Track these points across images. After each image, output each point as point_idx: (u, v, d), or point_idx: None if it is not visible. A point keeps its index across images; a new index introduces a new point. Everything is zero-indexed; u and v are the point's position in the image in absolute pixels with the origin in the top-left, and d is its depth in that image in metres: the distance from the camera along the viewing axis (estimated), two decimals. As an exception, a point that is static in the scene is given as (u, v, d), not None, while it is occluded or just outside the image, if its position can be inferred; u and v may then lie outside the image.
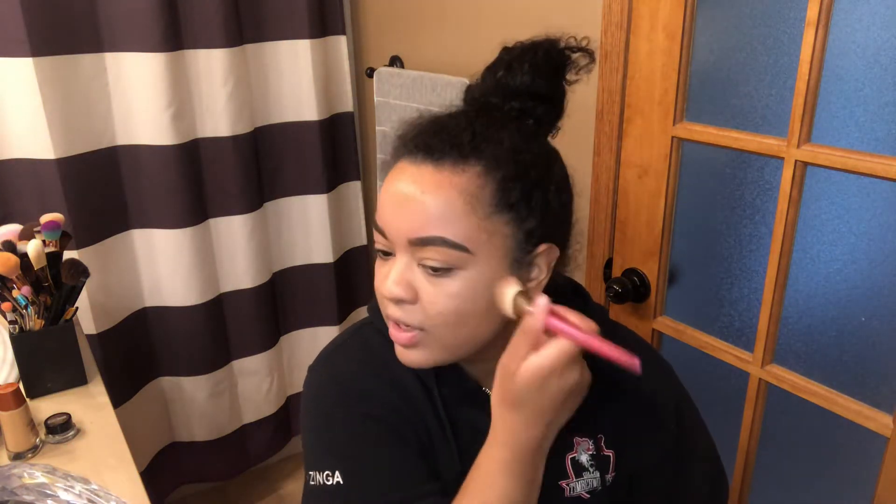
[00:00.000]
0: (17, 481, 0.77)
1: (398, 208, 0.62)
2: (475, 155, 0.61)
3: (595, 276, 1.37)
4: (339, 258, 2.14)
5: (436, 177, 0.61)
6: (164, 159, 1.70)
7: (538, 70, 0.67)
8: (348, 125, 2.07)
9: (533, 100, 0.67)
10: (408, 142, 0.64)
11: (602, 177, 1.29)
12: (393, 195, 0.63)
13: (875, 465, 0.99)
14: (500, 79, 0.67)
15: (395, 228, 0.62)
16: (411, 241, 0.61)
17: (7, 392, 1.02)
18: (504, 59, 0.68)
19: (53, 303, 1.18)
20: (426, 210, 0.60)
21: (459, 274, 0.62)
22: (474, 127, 0.63)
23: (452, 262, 0.61)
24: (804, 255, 1.03)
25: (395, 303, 0.64)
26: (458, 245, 0.60)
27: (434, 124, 0.64)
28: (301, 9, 1.84)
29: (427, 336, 0.64)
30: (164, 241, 1.77)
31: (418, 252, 0.62)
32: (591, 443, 0.74)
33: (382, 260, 0.66)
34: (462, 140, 0.62)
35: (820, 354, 1.05)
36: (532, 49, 0.68)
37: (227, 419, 2.04)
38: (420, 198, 0.60)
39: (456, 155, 0.61)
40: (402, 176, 0.63)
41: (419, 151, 0.62)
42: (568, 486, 0.74)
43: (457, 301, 0.62)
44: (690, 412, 0.81)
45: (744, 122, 1.06)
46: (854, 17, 0.90)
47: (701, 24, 1.08)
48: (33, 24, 1.48)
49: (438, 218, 0.60)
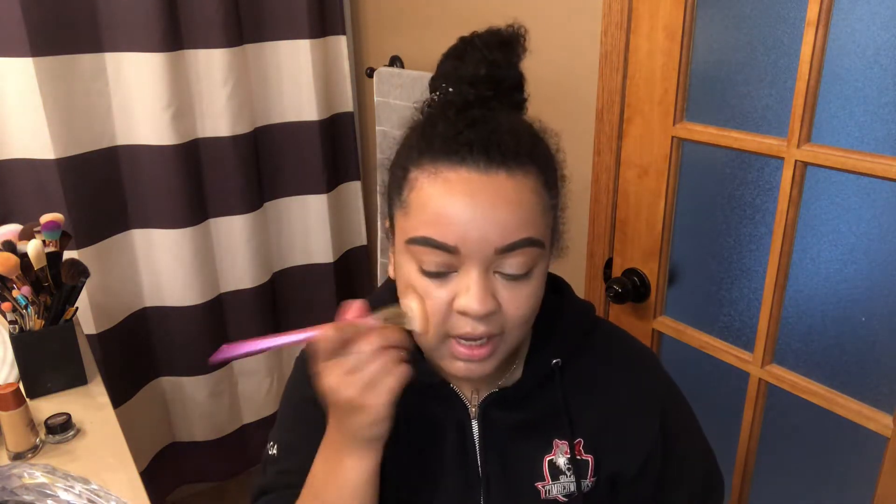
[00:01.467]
0: (17, 481, 0.77)
1: (481, 220, 0.59)
2: (531, 157, 0.62)
3: (595, 276, 1.37)
4: (339, 258, 2.14)
5: (512, 181, 0.60)
6: (164, 159, 1.70)
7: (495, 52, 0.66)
8: (348, 125, 2.07)
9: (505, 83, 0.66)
10: (459, 151, 0.60)
11: (602, 177, 1.29)
12: (471, 206, 0.59)
13: (875, 465, 0.99)
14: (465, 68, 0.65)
15: (476, 240, 0.59)
16: (499, 249, 0.59)
17: (7, 392, 1.02)
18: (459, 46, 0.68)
19: (53, 303, 1.18)
20: (514, 216, 0.59)
21: (534, 274, 0.63)
22: (514, 124, 0.63)
23: (533, 263, 0.62)
24: (804, 255, 1.03)
25: (482, 318, 0.61)
26: (540, 242, 0.62)
27: (470, 124, 0.61)
28: (301, 9, 1.84)
29: (501, 341, 0.65)
30: (164, 241, 1.77)
31: (502, 259, 0.60)
32: (569, 446, 0.73)
33: (436, 281, 0.62)
34: (520, 141, 0.61)
35: (820, 354, 1.05)
36: (480, 35, 0.68)
37: (227, 419, 2.04)
38: (505, 206, 0.59)
39: (522, 158, 0.61)
40: (472, 186, 0.59)
41: (482, 156, 0.59)
42: (544, 488, 0.73)
43: (534, 299, 0.64)
44: (679, 415, 0.79)
45: (744, 122, 1.06)
46: (854, 17, 0.90)
47: (701, 24, 1.08)
48: (33, 24, 1.48)
49: (524, 221, 0.60)
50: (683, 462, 0.78)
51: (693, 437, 0.80)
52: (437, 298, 0.62)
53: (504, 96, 0.65)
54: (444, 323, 0.63)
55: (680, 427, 0.78)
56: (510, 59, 0.66)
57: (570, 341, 0.74)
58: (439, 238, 0.60)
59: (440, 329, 0.63)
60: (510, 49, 0.66)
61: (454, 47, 0.68)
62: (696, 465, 0.79)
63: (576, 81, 1.31)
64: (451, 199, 0.59)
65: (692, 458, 0.79)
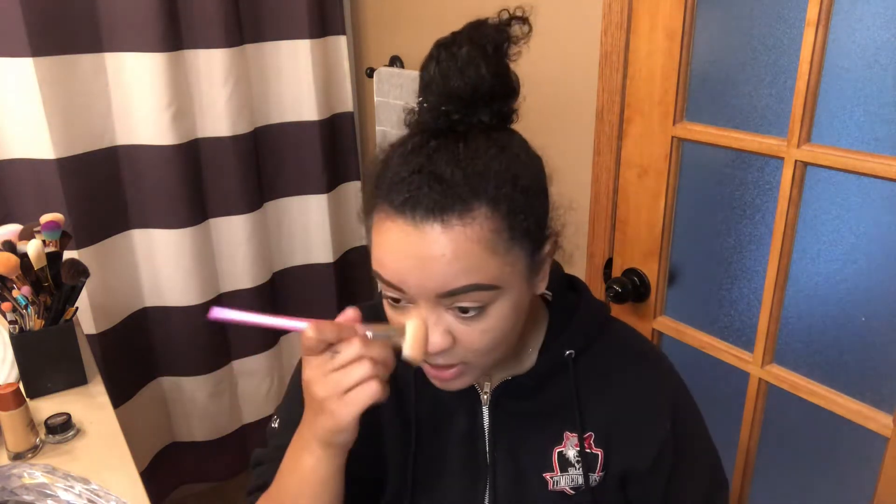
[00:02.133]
0: (17, 481, 0.77)
1: (415, 269, 0.58)
2: (476, 198, 0.57)
3: (595, 276, 1.37)
4: (339, 258, 2.14)
5: (448, 235, 0.57)
6: (164, 159, 1.70)
7: (474, 61, 0.60)
8: (348, 125, 2.07)
9: (488, 96, 0.61)
10: (395, 201, 0.58)
11: (602, 177, 1.29)
12: (404, 257, 0.58)
13: (875, 465, 0.99)
14: (443, 82, 0.60)
15: (416, 286, 0.59)
16: (440, 294, 0.59)
17: (7, 392, 1.02)
18: (435, 55, 0.62)
19: (53, 303, 1.18)
20: (449, 267, 0.58)
21: (491, 309, 0.61)
22: (459, 161, 0.58)
23: (485, 301, 0.60)
24: (804, 255, 1.03)
25: (434, 355, 0.62)
26: (490, 286, 0.60)
27: (414, 171, 0.58)
28: (301, 9, 1.84)
29: (468, 367, 0.65)
30: (164, 241, 1.77)
31: (447, 300, 0.60)
32: (579, 439, 0.73)
33: (396, 308, 0.63)
34: (456, 184, 0.57)
35: (820, 354, 1.05)
36: (461, 39, 0.61)
37: (227, 419, 2.04)
38: (439, 258, 0.57)
39: (460, 206, 0.57)
40: (407, 239, 0.58)
41: (417, 211, 0.57)
42: (552, 479, 0.73)
43: (493, 332, 0.63)
44: (690, 416, 0.79)
45: (744, 122, 1.06)
46: (854, 17, 0.90)
47: (701, 24, 1.08)
48: (33, 24, 1.48)
49: (464, 270, 0.58)
50: (693, 461, 0.77)
51: (701, 437, 0.80)
52: (396, 323, 0.64)
53: (481, 109, 0.61)
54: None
55: (690, 426, 0.78)
56: (489, 62, 0.60)
57: (584, 336, 0.75)
58: (387, 277, 0.61)
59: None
60: (495, 51, 0.61)
61: (428, 54, 0.62)
62: (704, 464, 0.79)
63: (576, 81, 1.31)
64: (389, 248, 0.59)
65: (701, 458, 0.79)
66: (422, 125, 0.63)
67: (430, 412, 0.75)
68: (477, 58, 0.60)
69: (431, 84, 0.61)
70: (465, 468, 0.75)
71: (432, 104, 0.61)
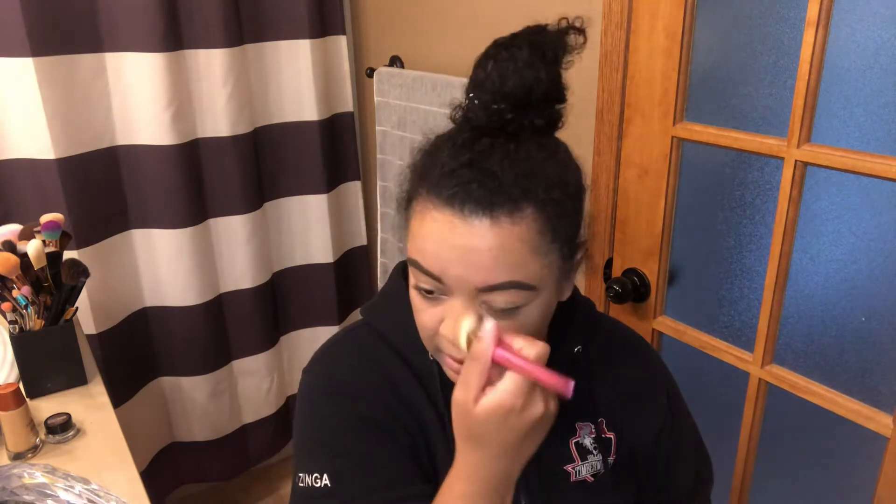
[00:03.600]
0: (17, 481, 0.77)
1: (459, 261, 0.59)
2: (525, 198, 0.59)
3: (595, 276, 1.37)
4: (339, 258, 2.14)
5: (495, 230, 0.58)
6: (164, 159, 1.70)
7: (534, 64, 0.62)
8: (348, 125, 2.07)
9: (542, 99, 0.63)
10: (444, 192, 0.59)
11: (602, 177, 1.29)
12: (449, 248, 0.59)
13: (875, 465, 0.99)
14: (499, 81, 0.61)
15: (456, 278, 0.60)
16: (481, 288, 0.60)
17: (7, 392, 1.02)
18: (493, 53, 0.63)
19: (53, 303, 1.18)
20: (494, 262, 0.58)
21: (524, 310, 0.62)
22: (511, 160, 0.59)
23: (521, 302, 0.61)
24: (804, 255, 1.03)
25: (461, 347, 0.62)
26: (529, 286, 0.60)
27: (465, 164, 0.59)
28: (301, 9, 1.84)
29: None
30: (164, 241, 1.77)
31: (485, 296, 0.60)
32: (594, 427, 0.77)
33: (428, 299, 0.64)
34: (508, 183, 0.58)
35: (820, 354, 1.05)
36: (520, 41, 0.63)
37: (227, 419, 2.04)
38: (485, 251, 0.58)
39: (510, 205, 0.58)
40: (453, 230, 0.59)
41: (466, 204, 0.58)
42: (574, 469, 0.75)
43: (525, 331, 0.63)
44: (677, 393, 0.85)
45: (744, 122, 1.06)
46: (854, 17, 0.90)
47: (701, 24, 1.08)
48: (33, 24, 1.47)
49: (507, 266, 0.59)
50: (683, 434, 0.84)
51: (687, 414, 0.87)
52: (428, 317, 0.64)
53: (533, 111, 0.63)
54: (432, 339, 0.66)
55: (678, 402, 0.85)
56: (546, 66, 0.62)
57: (585, 330, 0.78)
58: (426, 267, 0.61)
59: (430, 342, 0.66)
60: (549, 54, 0.63)
61: (485, 52, 0.64)
62: (691, 438, 0.86)
63: (576, 81, 1.30)
64: (433, 238, 0.60)
65: (688, 432, 0.86)
66: (472, 121, 0.64)
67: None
68: (536, 61, 0.61)
69: (486, 82, 0.62)
70: None
71: (485, 102, 0.62)
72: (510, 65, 0.61)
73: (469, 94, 0.64)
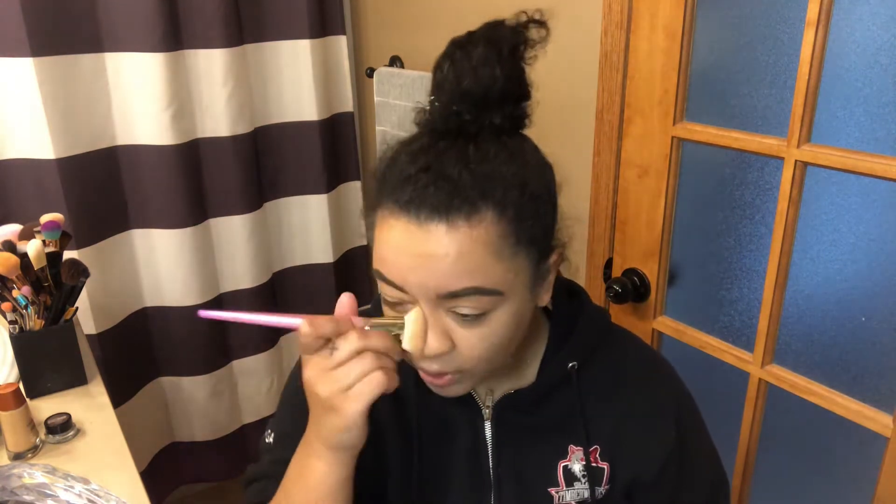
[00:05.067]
0: (17, 481, 0.77)
1: (418, 268, 0.57)
2: (483, 201, 0.57)
3: (595, 276, 1.37)
4: (339, 258, 2.14)
5: (452, 235, 0.56)
6: (164, 159, 1.70)
7: (489, 61, 0.59)
8: (348, 125, 2.07)
9: (501, 98, 0.60)
10: (401, 199, 0.57)
11: (602, 177, 1.29)
12: (407, 255, 0.57)
13: (875, 465, 0.99)
14: (455, 82, 0.59)
15: (417, 286, 0.58)
16: (441, 295, 0.58)
17: (7, 392, 1.02)
18: (450, 53, 0.61)
19: (53, 303, 1.18)
20: (452, 267, 0.56)
21: (492, 315, 0.60)
22: (468, 163, 0.57)
23: (486, 307, 0.59)
24: (804, 255, 1.03)
25: (432, 358, 0.61)
26: (493, 291, 0.58)
27: (421, 169, 0.57)
28: (301, 9, 1.84)
29: (465, 375, 0.64)
30: (164, 241, 1.77)
31: (448, 302, 0.59)
32: (584, 453, 0.72)
33: (392, 309, 0.62)
34: (464, 186, 0.56)
35: (820, 354, 1.05)
36: (476, 38, 0.60)
37: (227, 419, 2.04)
38: (442, 258, 0.56)
39: (467, 208, 0.56)
40: (411, 237, 0.57)
41: (422, 210, 0.56)
42: (557, 494, 0.73)
43: (493, 339, 0.61)
44: (693, 423, 0.78)
45: (744, 122, 1.06)
46: (854, 17, 0.90)
47: (701, 24, 1.08)
48: (33, 24, 1.48)
49: (467, 271, 0.57)
50: (697, 468, 0.77)
51: (704, 443, 0.80)
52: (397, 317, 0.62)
53: (493, 110, 0.60)
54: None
55: (692, 432, 0.77)
56: (503, 63, 0.59)
57: (586, 346, 0.73)
58: (387, 275, 0.59)
59: (411, 359, 0.64)
60: (509, 53, 0.60)
61: (443, 53, 0.61)
62: (706, 469, 0.79)
63: (576, 81, 1.31)
64: (392, 246, 0.58)
65: (704, 461, 0.79)
66: (431, 125, 0.62)
67: (432, 427, 0.74)
68: (491, 58, 0.59)
69: (444, 83, 0.60)
70: (469, 484, 0.73)
71: (444, 104, 0.60)
72: (465, 63, 0.59)
73: (430, 97, 0.62)
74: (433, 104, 0.62)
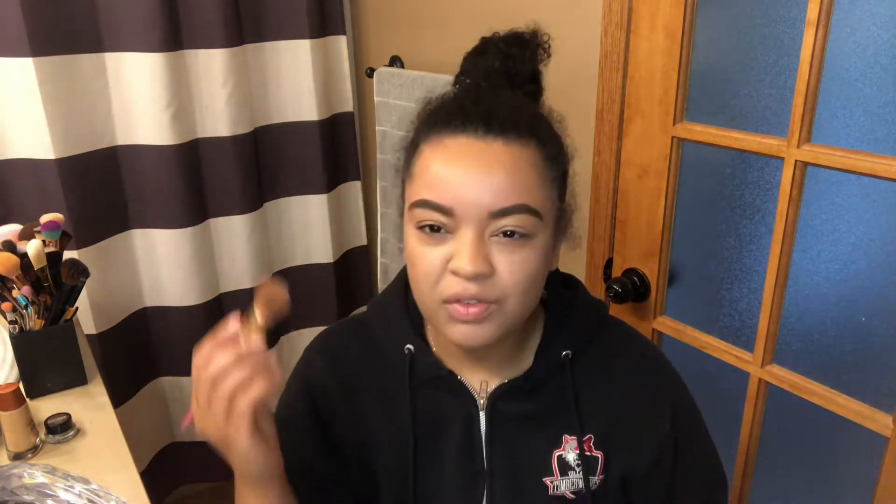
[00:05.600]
0: (17, 481, 0.77)
1: (475, 183, 0.61)
2: (531, 131, 0.64)
3: (595, 276, 1.37)
4: (339, 258, 2.14)
5: (508, 150, 0.62)
6: (164, 159, 1.70)
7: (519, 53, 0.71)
8: (348, 125, 2.07)
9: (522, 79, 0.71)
10: (458, 121, 0.63)
11: (602, 177, 1.29)
12: (465, 170, 0.61)
13: (875, 465, 0.99)
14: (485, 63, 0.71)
15: (470, 202, 0.61)
16: (493, 212, 0.61)
17: (7, 392, 1.02)
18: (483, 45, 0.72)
19: (53, 303, 1.18)
20: (508, 181, 0.61)
21: (531, 242, 0.63)
22: (515, 102, 0.66)
23: (529, 230, 0.63)
24: (804, 255, 1.03)
25: (473, 279, 0.61)
26: (536, 212, 0.63)
27: (478, 99, 0.65)
28: (301, 9, 1.84)
29: (499, 308, 0.64)
30: (164, 241, 1.77)
31: (495, 223, 0.61)
32: (578, 442, 0.73)
33: (429, 239, 0.63)
34: (520, 116, 0.64)
35: (820, 354, 1.05)
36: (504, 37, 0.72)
37: (227, 419, 2.03)
38: (500, 170, 0.61)
39: (520, 131, 0.63)
40: (469, 151, 0.62)
41: (481, 125, 0.62)
42: (552, 483, 0.73)
43: (531, 267, 0.64)
44: (689, 415, 0.79)
45: (744, 122, 1.06)
46: (854, 17, 0.90)
47: (701, 24, 1.08)
48: (33, 24, 1.48)
49: (519, 187, 0.62)
50: (693, 460, 0.77)
51: (701, 436, 0.80)
52: (432, 259, 0.63)
53: (517, 87, 0.70)
54: (437, 284, 0.63)
55: (689, 425, 0.78)
56: (525, 55, 0.70)
57: (581, 335, 0.74)
58: (435, 199, 0.62)
59: (435, 293, 0.64)
60: (526, 46, 0.71)
61: (476, 46, 0.72)
62: (703, 463, 0.79)
63: (576, 81, 1.31)
64: (448, 163, 0.62)
65: (700, 456, 0.79)
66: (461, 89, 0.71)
67: (427, 420, 0.74)
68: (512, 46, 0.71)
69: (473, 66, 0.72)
70: (464, 475, 0.74)
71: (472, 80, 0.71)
72: (497, 50, 0.70)
73: (462, 78, 0.72)
74: (463, 81, 0.71)
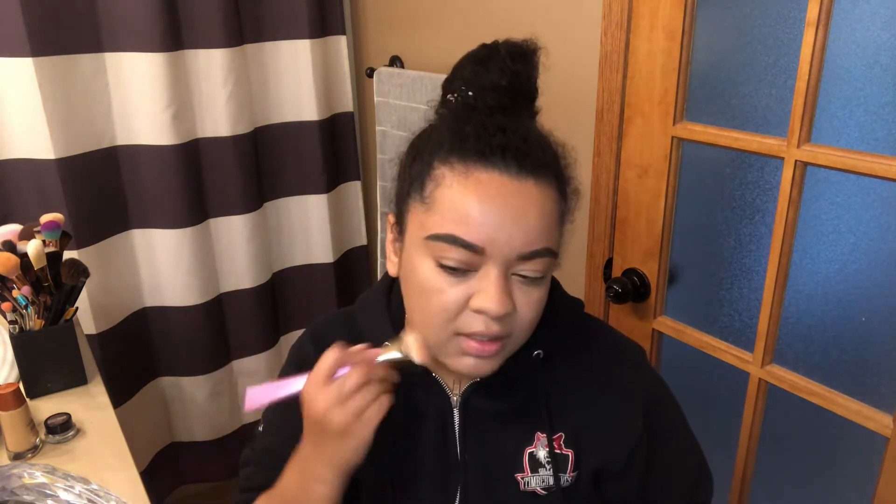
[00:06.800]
0: (17, 481, 0.77)
1: (508, 226, 0.59)
2: (555, 171, 0.64)
3: (595, 276, 1.37)
4: (339, 258, 2.14)
5: (539, 191, 0.61)
6: (164, 159, 1.70)
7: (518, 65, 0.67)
8: (348, 125, 2.07)
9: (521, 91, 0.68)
10: (492, 145, 0.60)
11: (602, 177, 1.29)
12: (500, 211, 0.59)
13: (875, 465, 0.99)
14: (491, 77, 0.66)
15: (503, 244, 0.60)
16: (522, 255, 0.61)
17: (7, 392, 1.02)
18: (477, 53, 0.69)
19: (53, 303, 1.18)
20: (538, 225, 0.61)
21: (545, 279, 0.65)
22: (533, 134, 0.64)
23: (547, 270, 0.63)
24: (804, 255, 1.03)
25: (497, 319, 0.62)
26: (555, 252, 0.63)
27: (501, 129, 0.62)
28: (301, 9, 1.84)
29: (509, 342, 0.66)
30: (164, 241, 1.77)
31: (521, 265, 0.61)
32: (548, 440, 0.73)
33: (454, 277, 0.62)
34: (546, 154, 0.63)
35: (820, 354, 1.05)
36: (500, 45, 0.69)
37: (227, 419, 2.04)
38: (532, 213, 0.60)
39: (547, 171, 0.62)
40: (504, 190, 0.60)
41: (513, 161, 0.60)
42: (522, 479, 0.74)
43: (540, 305, 0.65)
44: (665, 413, 0.79)
45: (744, 122, 1.06)
46: (854, 17, 0.90)
47: (701, 24, 1.08)
48: (33, 24, 1.48)
49: (546, 230, 0.62)
50: (669, 458, 0.77)
51: (679, 433, 0.80)
52: (452, 295, 0.62)
53: (521, 107, 0.67)
54: (454, 320, 0.63)
55: (666, 423, 0.78)
56: (529, 71, 0.68)
57: (556, 335, 0.74)
58: (466, 237, 0.60)
59: (449, 326, 0.64)
60: (529, 62, 0.68)
61: (476, 53, 0.68)
62: (683, 460, 0.79)
63: (576, 81, 1.31)
64: (483, 201, 0.60)
65: (679, 454, 0.79)
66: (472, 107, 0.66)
67: (402, 416, 0.74)
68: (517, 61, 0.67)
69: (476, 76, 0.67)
70: (438, 470, 0.75)
71: (477, 93, 0.66)
72: (495, 61, 0.66)
73: (461, 87, 0.68)
74: (465, 93, 0.67)
